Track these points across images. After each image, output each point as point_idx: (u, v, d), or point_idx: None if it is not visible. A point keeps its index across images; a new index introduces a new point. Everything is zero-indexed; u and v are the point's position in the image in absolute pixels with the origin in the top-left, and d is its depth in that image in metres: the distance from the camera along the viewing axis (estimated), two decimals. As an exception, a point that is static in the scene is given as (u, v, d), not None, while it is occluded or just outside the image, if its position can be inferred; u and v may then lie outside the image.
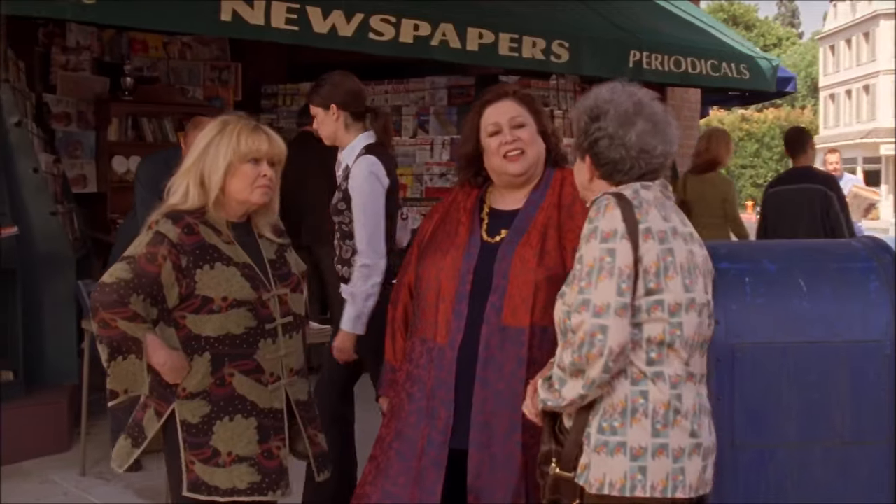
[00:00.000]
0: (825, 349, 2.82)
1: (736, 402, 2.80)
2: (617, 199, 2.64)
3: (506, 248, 3.16)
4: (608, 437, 2.60)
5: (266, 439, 3.14)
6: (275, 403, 3.17)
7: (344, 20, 6.00)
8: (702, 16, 9.60)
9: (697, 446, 2.62)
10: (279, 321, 3.19)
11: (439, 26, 6.42)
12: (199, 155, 3.18)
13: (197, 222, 3.12)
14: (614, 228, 2.59)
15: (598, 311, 2.54)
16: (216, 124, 3.23)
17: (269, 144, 3.20)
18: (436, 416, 3.13)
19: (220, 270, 3.09)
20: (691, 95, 10.60)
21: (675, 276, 2.62)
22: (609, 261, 2.57)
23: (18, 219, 6.05)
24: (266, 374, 3.15)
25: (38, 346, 6.12)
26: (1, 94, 6.19)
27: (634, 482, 2.57)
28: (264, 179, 3.18)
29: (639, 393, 2.60)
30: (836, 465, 2.84)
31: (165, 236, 3.06)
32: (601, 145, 2.75)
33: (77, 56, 8.45)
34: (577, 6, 7.94)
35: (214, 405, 3.09)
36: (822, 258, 3.00)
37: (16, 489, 5.41)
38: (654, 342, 2.60)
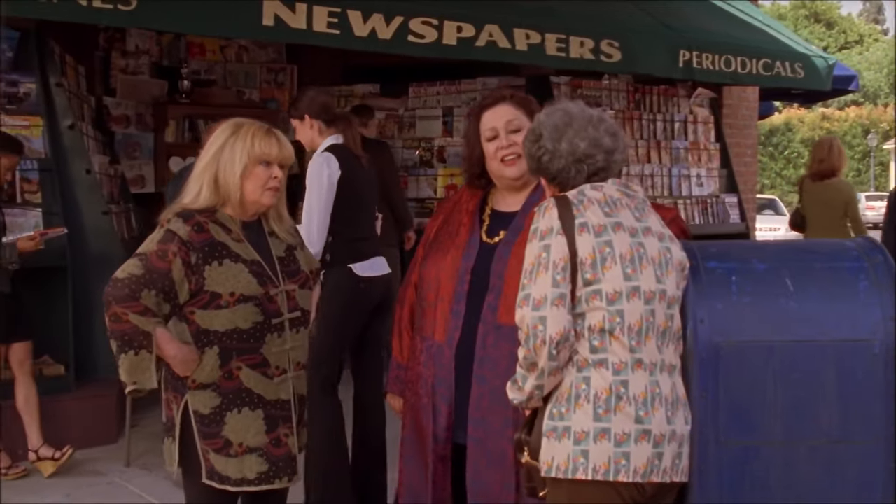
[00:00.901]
0: (811, 348, 2.81)
1: (721, 399, 2.80)
2: (557, 200, 2.78)
3: (503, 249, 3.22)
4: (556, 422, 2.73)
5: (274, 428, 3.26)
6: (281, 395, 3.28)
7: (383, 23, 6.08)
8: (757, 14, 9.50)
9: (645, 432, 2.69)
10: (286, 316, 3.28)
11: (484, 28, 6.48)
12: (213, 156, 3.28)
13: (207, 220, 3.23)
14: (550, 226, 2.74)
15: (536, 304, 2.69)
16: (229, 126, 3.34)
17: (280, 148, 3.30)
18: (438, 413, 3.22)
19: (228, 267, 3.19)
20: (749, 94, 10.51)
21: (614, 266, 2.71)
22: (545, 256, 2.72)
23: (71, 218, 6.28)
24: (272, 368, 3.25)
25: (89, 341, 6.32)
26: (55, 98, 6.42)
27: (577, 465, 2.68)
28: (275, 181, 3.29)
29: (582, 379, 2.72)
30: (822, 464, 2.83)
31: (176, 234, 3.17)
32: (544, 161, 2.89)
33: (136, 60, 8.69)
34: (626, 6, 7.93)
35: (224, 397, 3.21)
36: (811, 258, 2.99)
37: (65, 478, 5.62)
38: (595, 330, 2.72)
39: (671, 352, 2.80)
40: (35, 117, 6.29)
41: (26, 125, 6.24)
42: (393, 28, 6.11)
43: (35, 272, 5.96)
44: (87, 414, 6.12)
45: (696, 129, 9.98)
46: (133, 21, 5.47)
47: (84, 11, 5.11)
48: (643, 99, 9.67)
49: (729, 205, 10.00)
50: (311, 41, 6.05)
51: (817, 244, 3.32)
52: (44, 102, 6.37)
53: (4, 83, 6.23)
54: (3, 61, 6.29)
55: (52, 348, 6.20)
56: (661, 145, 9.61)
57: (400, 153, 9.11)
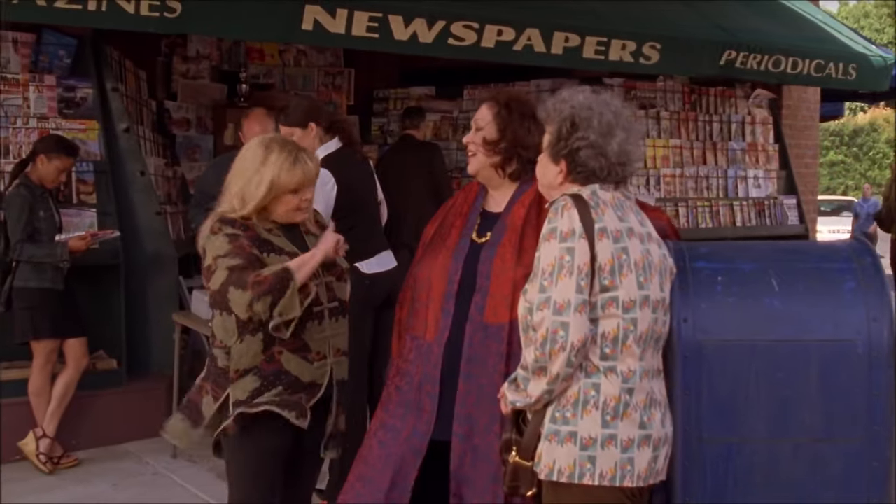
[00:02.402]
0: (795, 347, 2.85)
1: (704, 397, 2.86)
2: (574, 200, 2.76)
3: (488, 250, 3.32)
4: (559, 426, 2.74)
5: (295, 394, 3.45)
6: (317, 378, 3.48)
7: (426, 27, 6.19)
8: (816, 13, 9.41)
9: (647, 437, 2.74)
10: (326, 305, 3.51)
11: (524, 31, 6.55)
12: (245, 182, 3.46)
13: (248, 221, 3.47)
14: (572, 228, 2.71)
15: (558, 309, 2.67)
16: (258, 151, 3.50)
17: (305, 174, 3.49)
18: (421, 409, 3.31)
19: (274, 259, 3.42)
20: (810, 95, 10.40)
21: (630, 274, 2.73)
22: (568, 259, 2.69)
23: (125, 218, 6.52)
24: (313, 353, 3.46)
25: (141, 337, 6.57)
26: (111, 102, 6.67)
27: (583, 470, 2.71)
28: (305, 203, 3.53)
29: (591, 385, 2.73)
30: (806, 462, 2.86)
31: (236, 234, 3.40)
32: (583, 155, 2.84)
33: (197, 65, 8.92)
34: (677, 5, 7.93)
35: (264, 380, 3.41)
36: (798, 259, 3.03)
37: (114, 467, 5.86)
38: (609, 338, 2.73)
39: (659, 357, 2.86)
40: (91, 121, 6.53)
41: (83, 128, 6.48)
42: (435, 32, 6.22)
43: (90, 270, 6.21)
44: (137, 407, 6.33)
45: (755, 129, 9.93)
46: (178, 27, 5.65)
47: (132, 19, 5.31)
48: (699, 100, 9.65)
49: (787, 206, 9.92)
50: (350, 45, 6.20)
51: (809, 245, 3.36)
52: (100, 106, 6.61)
53: (62, 88, 6.48)
54: (61, 67, 6.55)
55: (105, 344, 6.44)
56: (718, 146, 9.58)
57: (454, 154, 9.21)
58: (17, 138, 6.23)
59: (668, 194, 9.08)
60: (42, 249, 5.66)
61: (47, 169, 5.75)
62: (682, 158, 9.32)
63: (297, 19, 5.68)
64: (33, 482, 5.58)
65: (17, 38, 6.41)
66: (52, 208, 5.82)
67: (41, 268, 5.68)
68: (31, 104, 6.36)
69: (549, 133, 2.93)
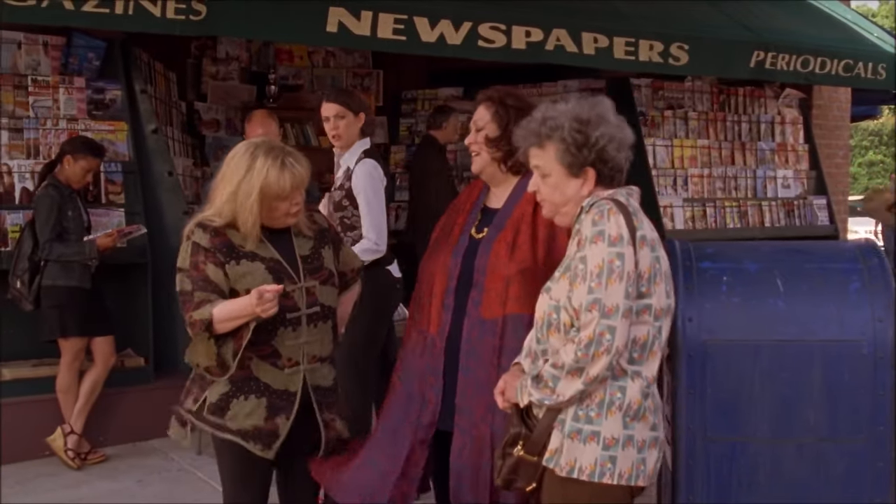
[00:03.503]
0: (799, 347, 2.88)
1: (708, 396, 2.89)
2: (617, 204, 2.76)
3: (485, 245, 3.40)
4: (583, 425, 2.76)
5: (274, 416, 3.41)
6: (290, 386, 3.43)
7: (452, 29, 6.23)
8: (845, 13, 9.36)
9: (655, 439, 2.78)
10: (304, 311, 3.44)
11: (552, 32, 6.57)
12: (234, 190, 3.35)
13: (224, 227, 3.38)
14: (621, 234, 2.71)
15: (607, 312, 2.67)
16: (244, 158, 3.39)
17: (293, 179, 3.37)
18: (426, 400, 3.40)
19: (245, 266, 3.37)
20: (840, 95, 10.34)
21: (661, 283, 2.76)
22: (619, 265, 2.69)
23: (152, 218, 6.60)
24: (283, 359, 3.42)
25: (168, 334, 6.64)
26: (139, 104, 6.77)
27: (604, 469, 2.74)
28: (295, 207, 3.43)
29: (618, 388, 2.75)
30: (810, 462, 2.89)
31: (199, 244, 3.37)
32: (610, 150, 2.84)
33: (226, 66, 9.02)
34: (704, 6, 7.93)
35: (233, 385, 3.40)
36: (805, 259, 3.05)
37: (139, 463, 5.95)
38: (639, 343, 2.75)
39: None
40: (120, 122, 6.63)
41: (111, 130, 6.58)
42: (462, 34, 6.26)
43: (118, 269, 6.31)
44: (163, 404, 6.32)
45: (784, 130, 9.89)
46: (203, 30, 5.73)
47: (158, 22, 5.39)
48: (728, 100, 9.63)
49: (817, 207, 9.86)
50: (378, 47, 6.26)
51: (815, 246, 3.36)
52: (128, 108, 6.71)
53: (91, 90, 6.59)
54: (91, 69, 6.66)
55: (133, 342, 6.54)
56: (746, 147, 9.55)
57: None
58: (46, 139, 6.33)
59: (696, 194, 9.06)
60: (71, 248, 5.76)
61: (74, 169, 5.85)
62: (710, 159, 9.29)
63: (322, 21, 5.74)
64: (61, 477, 5.68)
65: (47, 40, 6.52)
66: (79, 208, 5.92)
67: (69, 266, 5.78)
68: (60, 106, 6.46)
69: (553, 151, 2.87)
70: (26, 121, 6.33)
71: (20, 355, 6.27)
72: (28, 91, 6.39)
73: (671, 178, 8.94)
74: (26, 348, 6.23)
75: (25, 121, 6.32)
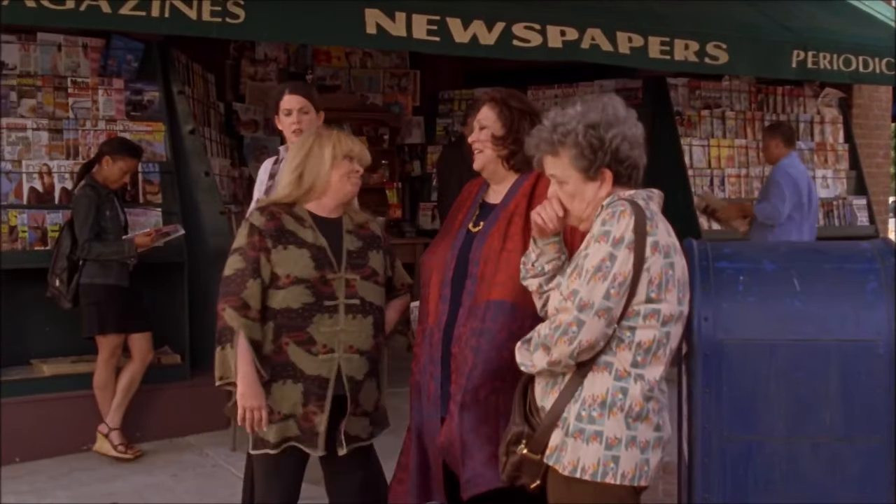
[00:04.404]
0: (814, 347, 2.87)
1: (724, 395, 2.89)
2: (632, 207, 2.77)
3: (480, 238, 3.52)
4: (585, 424, 2.79)
5: (308, 403, 3.57)
6: (322, 372, 3.57)
7: (485, 29, 6.26)
8: (887, 11, 9.26)
9: (659, 439, 2.80)
10: (342, 300, 3.60)
11: (586, 31, 6.59)
12: (303, 158, 3.69)
13: (281, 211, 3.64)
14: (622, 236, 2.73)
15: (581, 306, 2.73)
16: (313, 133, 3.79)
17: (360, 148, 3.74)
18: (426, 389, 3.53)
19: (291, 251, 3.58)
20: (881, 94, 10.24)
21: (673, 290, 2.78)
22: (608, 265, 2.72)
23: (189, 217, 6.70)
24: (318, 345, 3.56)
25: (203, 333, 6.70)
26: (177, 105, 6.87)
27: (606, 469, 2.76)
28: (356, 174, 3.71)
29: (619, 389, 2.77)
30: (825, 462, 2.88)
31: (254, 225, 3.60)
32: (624, 149, 2.86)
33: (264, 67, 9.13)
34: (740, 5, 7.89)
35: (274, 370, 3.55)
36: (822, 259, 3.04)
37: (175, 459, 6.05)
38: (643, 347, 2.77)
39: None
40: (157, 123, 6.73)
41: (149, 130, 6.68)
42: (496, 34, 6.29)
43: (155, 268, 6.41)
44: (199, 401, 6.49)
45: (824, 129, 9.81)
46: (240, 33, 5.83)
47: (194, 25, 5.49)
48: (766, 99, 9.57)
49: (857, 207, 9.78)
50: (413, 48, 6.31)
51: (833, 246, 3.33)
52: (166, 109, 6.82)
53: (130, 91, 6.70)
54: (129, 71, 6.77)
55: (170, 340, 6.64)
56: (785, 146, 9.46)
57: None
58: (86, 140, 6.45)
59: (733, 194, 9.02)
60: (110, 247, 5.88)
61: (112, 170, 5.96)
62: (748, 158, 9.25)
63: (360, 23, 5.80)
64: (97, 472, 5.78)
65: (86, 43, 6.65)
66: (117, 208, 6.03)
67: (107, 265, 5.89)
68: (99, 107, 6.58)
69: (567, 158, 2.88)
70: (66, 121, 6.45)
71: (60, 352, 6.40)
72: (68, 92, 6.52)
73: (707, 177, 8.92)
74: (66, 345, 6.36)
75: (65, 121, 6.45)
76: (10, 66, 6.42)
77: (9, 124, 6.26)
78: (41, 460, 5.91)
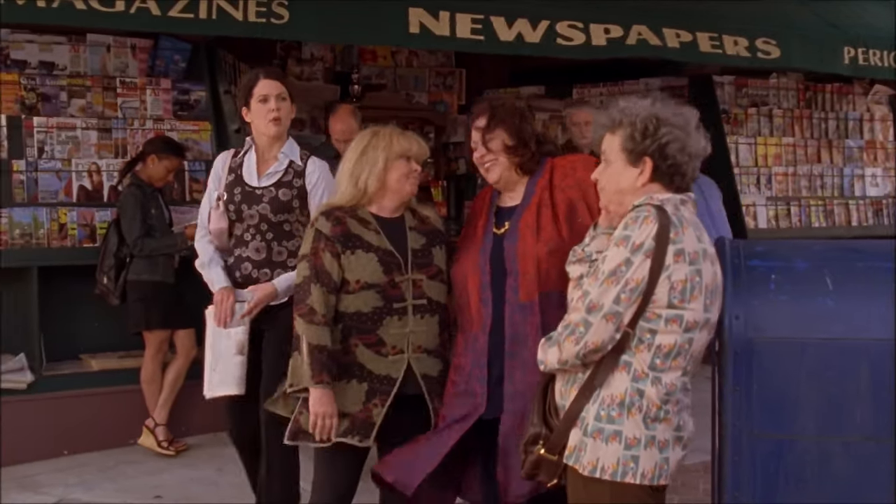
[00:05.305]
0: (846, 346, 2.86)
1: (754, 393, 2.89)
2: (658, 213, 2.78)
3: (510, 237, 3.53)
4: (604, 424, 2.81)
5: (370, 399, 3.61)
6: (392, 372, 3.62)
7: (529, 28, 6.28)
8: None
9: (679, 438, 2.82)
10: (410, 302, 3.64)
11: (631, 27, 6.57)
12: (357, 158, 3.71)
13: (345, 216, 3.68)
14: (642, 242, 2.75)
15: (590, 308, 2.78)
16: (368, 133, 3.78)
17: (417, 146, 3.74)
18: (473, 393, 3.51)
19: (360, 256, 3.63)
20: (938, 91, 10.09)
21: (699, 297, 2.78)
22: (623, 270, 2.76)
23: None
24: (388, 347, 3.61)
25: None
26: (223, 104, 6.96)
27: (626, 469, 2.78)
28: (414, 174, 3.72)
29: (636, 390, 2.80)
30: (856, 461, 2.87)
31: (321, 232, 3.65)
32: (672, 148, 2.87)
33: (311, 66, 9.20)
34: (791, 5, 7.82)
35: (339, 369, 3.61)
36: (856, 258, 3.04)
37: (220, 453, 6.11)
38: (663, 351, 2.79)
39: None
40: (204, 122, 6.84)
41: (196, 129, 6.79)
42: (540, 32, 6.31)
43: (197, 264, 6.49)
44: (243, 396, 6.58)
45: (873, 127, 9.72)
46: (285, 33, 5.90)
47: (240, 26, 5.58)
48: (814, 97, 9.48)
49: (907, 206, 9.67)
50: (457, 47, 6.33)
51: (867, 245, 3.33)
52: (212, 108, 6.91)
53: (177, 91, 6.80)
54: (176, 71, 6.87)
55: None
56: (833, 144, 9.40)
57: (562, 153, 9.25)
58: (134, 139, 6.56)
59: (780, 193, 8.96)
60: (162, 241, 6.01)
61: (157, 169, 6.07)
62: (796, 157, 9.17)
63: (404, 23, 5.84)
64: (143, 465, 5.90)
65: (135, 43, 6.76)
66: (161, 206, 6.15)
67: (154, 262, 6.00)
68: (147, 106, 6.70)
69: (620, 137, 2.92)
70: (114, 121, 6.57)
71: (108, 347, 6.52)
72: (116, 92, 6.64)
73: (754, 176, 8.86)
74: (114, 340, 6.48)
75: (114, 121, 6.57)
76: (60, 67, 6.54)
77: (59, 124, 6.38)
78: (89, 453, 6.04)
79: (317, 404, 3.55)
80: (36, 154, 6.29)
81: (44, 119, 6.34)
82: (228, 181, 4.43)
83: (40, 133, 6.33)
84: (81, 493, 5.44)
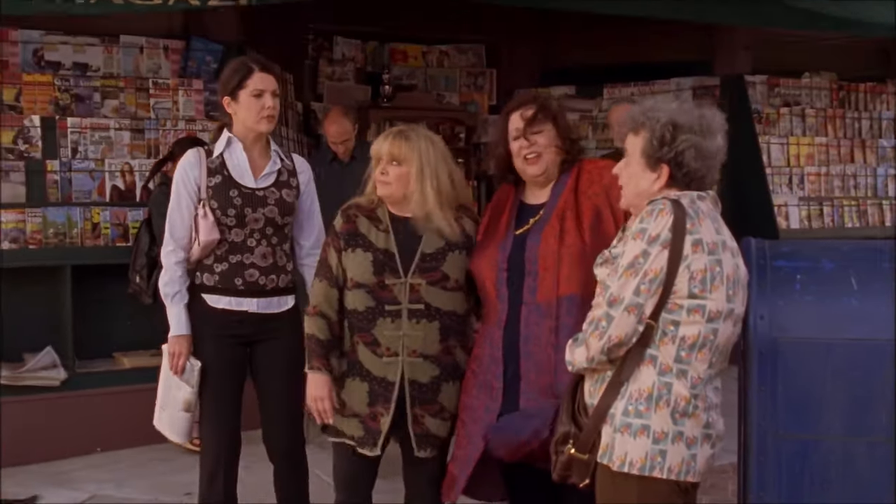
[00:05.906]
0: (871, 347, 2.86)
1: (779, 393, 2.90)
2: (673, 205, 2.81)
3: (533, 237, 3.54)
4: (633, 419, 2.82)
5: (374, 403, 3.66)
6: (388, 375, 3.66)
7: None
8: None
9: (708, 436, 2.82)
10: (405, 305, 3.64)
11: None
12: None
13: (358, 214, 3.73)
14: (658, 234, 2.78)
15: (611, 301, 2.81)
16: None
17: (389, 146, 3.67)
18: (490, 388, 3.54)
19: (357, 255, 3.68)
20: None
21: (721, 287, 2.79)
22: (641, 262, 2.79)
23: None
24: (382, 348, 3.64)
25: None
26: (253, 105, 6.99)
27: (654, 463, 2.79)
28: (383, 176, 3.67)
29: (664, 384, 2.81)
30: (882, 462, 2.87)
31: (334, 227, 3.76)
32: (688, 155, 2.88)
33: (342, 67, 9.25)
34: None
35: (349, 365, 3.72)
36: (882, 258, 3.02)
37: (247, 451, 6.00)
38: (687, 343, 2.80)
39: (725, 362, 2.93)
40: (235, 123, 6.86)
41: (228, 130, 6.82)
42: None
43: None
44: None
45: (907, 127, 9.63)
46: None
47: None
48: (847, 97, 9.42)
49: (941, 206, 9.58)
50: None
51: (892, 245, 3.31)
52: (244, 109, 6.93)
53: (209, 92, 6.85)
54: (208, 72, 6.93)
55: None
56: (867, 144, 9.33)
57: (593, 154, 9.25)
58: (166, 139, 6.62)
59: (813, 193, 8.91)
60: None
61: (185, 169, 6.11)
62: (829, 157, 9.12)
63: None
64: (174, 462, 5.95)
65: (167, 45, 6.83)
66: (191, 205, 6.17)
67: (185, 261, 6.04)
68: (179, 107, 6.76)
69: (641, 140, 2.94)
70: (147, 122, 6.64)
71: (140, 346, 6.57)
72: (149, 93, 6.70)
73: (786, 176, 8.81)
74: (146, 339, 6.51)
75: (146, 122, 6.64)
76: (93, 68, 6.61)
77: (92, 124, 6.46)
78: (121, 450, 6.10)
79: (310, 387, 3.69)
80: (70, 154, 6.37)
81: (77, 120, 6.41)
82: (215, 184, 4.09)
83: (74, 133, 6.40)
84: (113, 490, 5.50)
